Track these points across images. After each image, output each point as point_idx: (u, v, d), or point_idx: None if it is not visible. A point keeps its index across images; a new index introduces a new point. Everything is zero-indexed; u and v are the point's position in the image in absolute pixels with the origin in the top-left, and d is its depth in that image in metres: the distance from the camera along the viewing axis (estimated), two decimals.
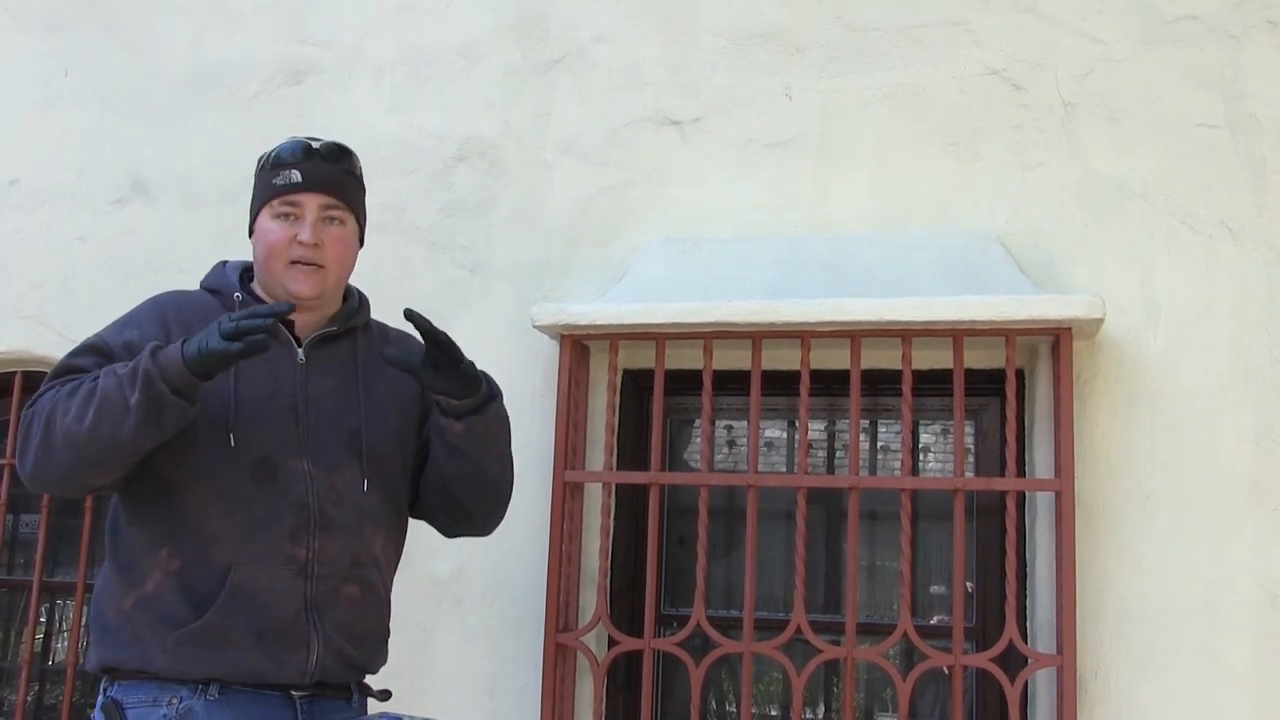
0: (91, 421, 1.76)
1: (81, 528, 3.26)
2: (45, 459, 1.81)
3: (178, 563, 1.87)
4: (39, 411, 1.83)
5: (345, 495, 1.96)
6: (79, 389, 1.81)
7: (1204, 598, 2.58)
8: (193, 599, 1.85)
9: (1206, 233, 2.72)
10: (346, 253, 2.03)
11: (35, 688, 3.41)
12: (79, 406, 1.78)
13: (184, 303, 2.03)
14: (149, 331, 1.93)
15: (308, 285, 1.97)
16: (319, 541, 1.91)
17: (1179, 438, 2.65)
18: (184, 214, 3.32)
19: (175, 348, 1.78)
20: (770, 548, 2.97)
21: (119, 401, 1.75)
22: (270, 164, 2.01)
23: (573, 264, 3.04)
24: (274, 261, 1.98)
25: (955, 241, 2.81)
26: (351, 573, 1.96)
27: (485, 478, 2.07)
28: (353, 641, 1.96)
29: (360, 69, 3.28)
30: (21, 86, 3.53)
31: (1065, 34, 2.87)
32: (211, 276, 2.10)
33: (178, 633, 1.83)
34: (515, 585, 2.89)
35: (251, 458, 1.90)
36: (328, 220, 1.99)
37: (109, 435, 1.76)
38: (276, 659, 1.87)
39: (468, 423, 1.99)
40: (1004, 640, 2.56)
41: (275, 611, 1.87)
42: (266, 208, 2.00)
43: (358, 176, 2.08)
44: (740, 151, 3.00)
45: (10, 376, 3.43)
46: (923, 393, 2.80)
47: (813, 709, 2.95)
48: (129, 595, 1.88)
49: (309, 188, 1.98)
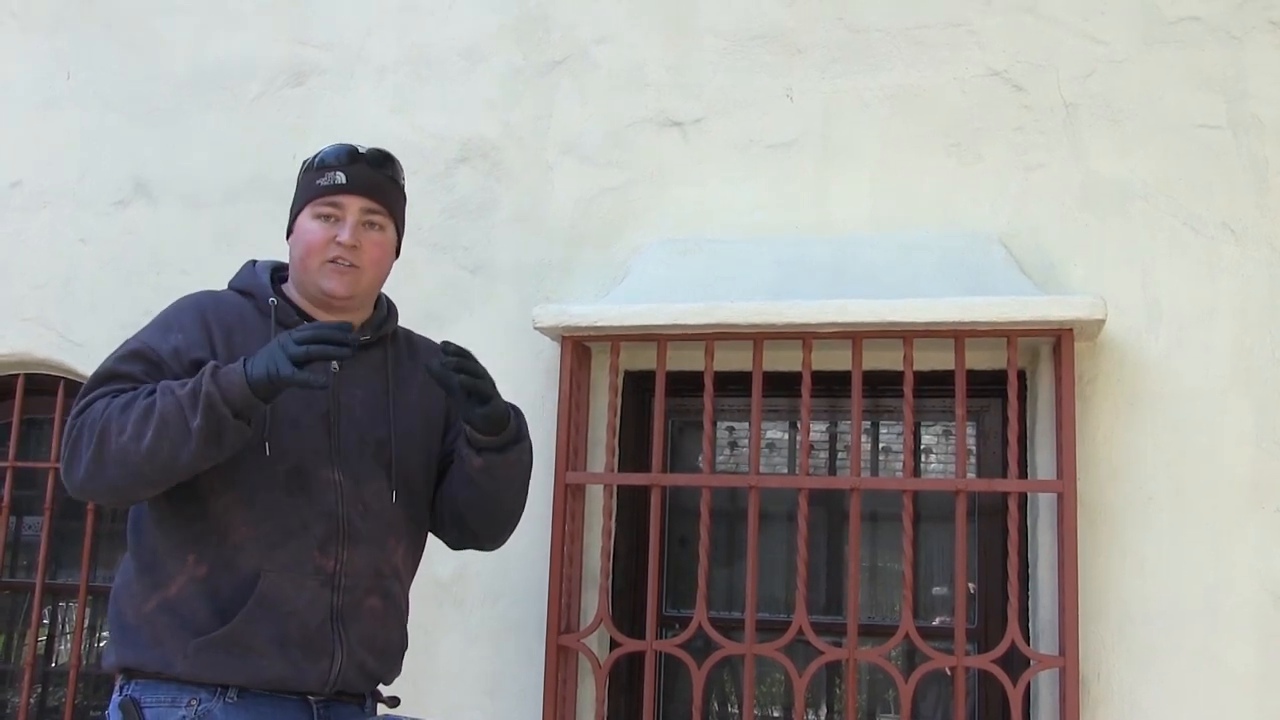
0: (151, 443, 1.75)
1: (84, 530, 3.26)
2: (96, 473, 1.79)
3: (204, 568, 1.86)
4: (89, 422, 1.80)
5: (371, 506, 1.96)
6: (133, 404, 1.78)
7: (1206, 599, 2.58)
8: (218, 605, 1.84)
9: (1208, 234, 2.72)
10: (384, 257, 2.03)
11: (38, 690, 3.40)
12: (136, 424, 1.76)
13: (219, 304, 2.00)
14: (194, 336, 1.92)
15: (341, 284, 1.97)
16: (347, 552, 1.91)
17: (1181, 439, 2.64)
18: (186, 215, 3.32)
19: (237, 369, 1.76)
20: (772, 549, 2.97)
21: (179, 424, 1.74)
22: (315, 166, 2.01)
23: (574, 265, 3.04)
24: (311, 259, 1.97)
25: (957, 242, 2.80)
26: (375, 584, 1.96)
27: (498, 510, 2.08)
28: (374, 653, 1.96)
29: (362, 70, 3.28)
30: (24, 88, 3.53)
31: (1067, 35, 2.87)
32: (242, 277, 2.08)
33: (200, 639, 1.83)
34: (517, 587, 2.89)
35: (285, 466, 1.90)
36: (368, 224, 1.99)
37: (168, 457, 1.76)
38: (298, 668, 1.86)
39: (487, 459, 1.99)
40: (1006, 641, 2.56)
41: (301, 620, 1.86)
42: (308, 207, 1.99)
43: (400, 185, 2.08)
44: (742, 152, 3.00)
45: (12, 379, 3.43)
46: (924, 394, 2.80)
47: (815, 710, 2.95)
48: (151, 597, 1.87)
49: (352, 190, 1.98)
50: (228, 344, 1.93)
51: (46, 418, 3.41)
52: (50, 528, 3.32)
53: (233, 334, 1.94)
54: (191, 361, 1.89)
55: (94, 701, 3.38)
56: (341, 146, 2.02)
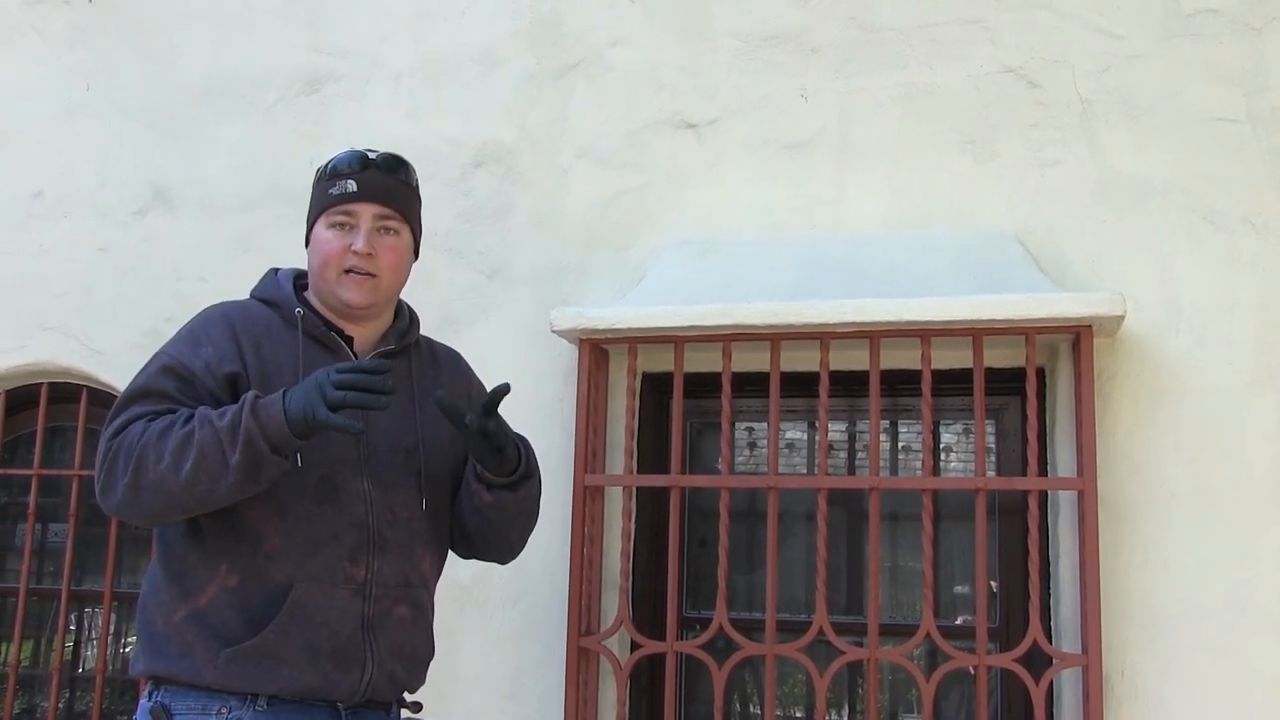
0: (189, 476, 1.75)
1: (108, 536, 3.29)
2: (132, 499, 1.80)
3: (236, 578, 1.86)
4: (126, 446, 1.80)
5: (400, 515, 1.96)
6: (170, 432, 1.78)
7: (1230, 595, 2.56)
8: (249, 615, 1.84)
9: (1228, 229, 2.70)
10: (400, 263, 2.03)
11: (66, 695, 3.43)
12: (174, 455, 1.76)
13: (246, 315, 2.00)
14: (224, 349, 1.91)
15: (360, 294, 1.97)
16: (377, 562, 1.92)
17: (1202, 436, 2.63)
18: (204, 222, 3.34)
19: (276, 403, 1.77)
20: (791, 549, 2.97)
21: (217, 458, 1.75)
22: (327, 174, 2.01)
23: (591, 268, 3.04)
24: (328, 270, 1.98)
25: (974, 241, 2.79)
26: (404, 594, 1.96)
27: (504, 540, 2.11)
28: (403, 662, 1.97)
29: (377, 76, 3.30)
30: (44, 99, 3.56)
31: (1082, 30, 2.85)
32: (265, 286, 2.07)
33: (230, 649, 1.82)
34: (537, 589, 2.89)
35: (314, 477, 1.90)
36: (382, 230, 1.99)
37: (205, 489, 1.77)
38: (329, 678, 1.86)
39: (497, 495, 2.01)
40: (1028, 640, 2.55)
41: (332, 630, 1.86)
42: (323, 217, 1.99)
43: (414, 188, 2.08)
44: (757, 153, 3.00)
45: (36, 388, 3.46)
46: (943, 392, 2.79)
47: (836, 711, 2.95)
48: (181, 607, 1.87)
49: (364, 197, 1.98)
50: (258, 355, 1.93)
51: (70, 425, 3.44)
52: (75, 534, 3.34)
53: (261, 345, 1.94)
54: (225, 375, 1.89)
55: (120, 706, 3.41)
56: (353, 153, 2.01)
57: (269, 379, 1.91)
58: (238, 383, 1.90)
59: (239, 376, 1.90)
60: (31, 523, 3.40)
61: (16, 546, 3.54)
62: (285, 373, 1.93)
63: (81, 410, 3.38)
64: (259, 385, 1.88)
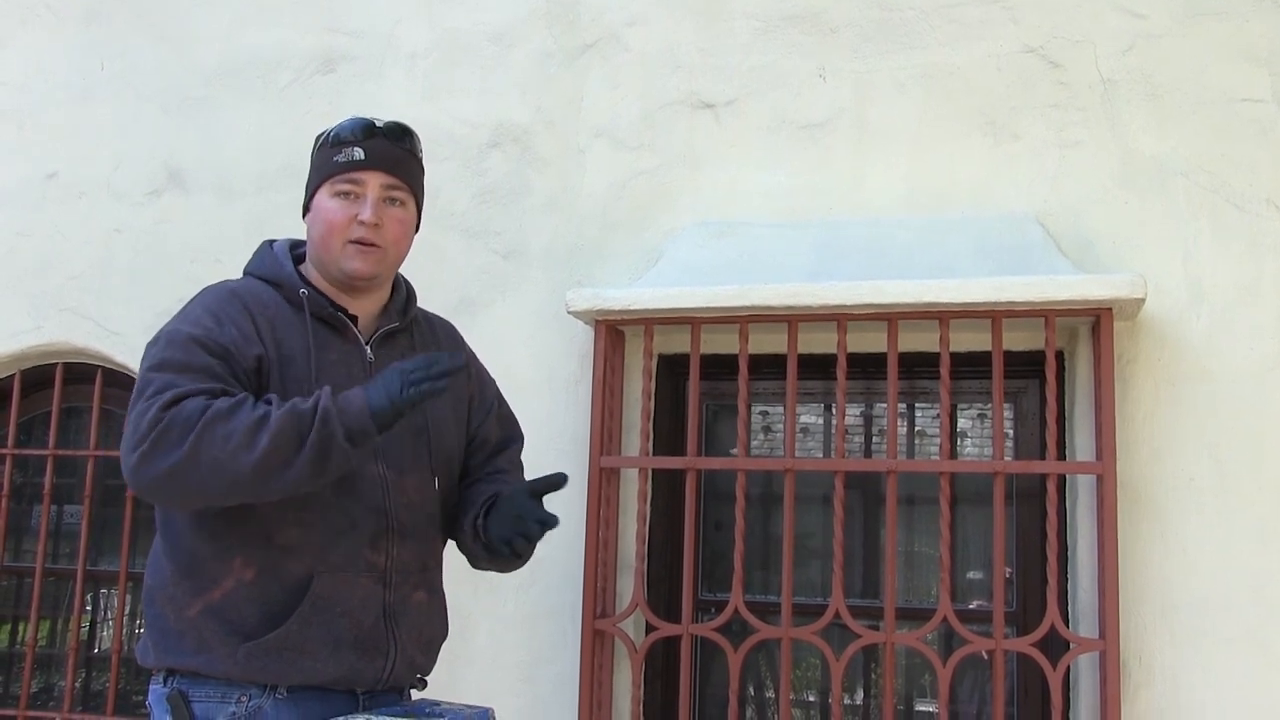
0: (261, 457, 1.67)
1: (123, 517, 3.30)
2: (182, 473, 1.68)
3: (252, 571, 1.80)
4: (184, 417, 1.69)
5: (414, 499, 1.93)
6: (238, 411, 1.69)
7: (1250, 581, 2.54)
8: (268, 609, 1.79)
9: (1252, 211, 2.67)
10: (405, 234, 1.98)
11: (82, 675, 3.45)
12: (247, 434, 1.67)
13: (254, 295, 1.92)
14: (246, 329, 1.85)
15: (365, 264, 1.92)
16: (396, 547, 1.89)
17: (1223, 420, 2.60)
18: (219, 204, 3.34)
19: (359, 397, 1.73)
20: (808, 532, 2.96)
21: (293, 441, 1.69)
22: (330, 141, 1.95)
23: (607, 249, 3.03)
24: (332, 240, 1.92)
25: (993, 222, 2.77)
26: (421, 578, 1.95)
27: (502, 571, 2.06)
28: (421, 647, 1.95)
29: (393, 56, 3.28)
30: (58, 80, 3.56)
31: (1105, 9, 2.82)
32: (264, 263, 1.99)
33: (250, 643, 1.78)
34: (552, 572, 2.89)
35: None
36: (389, 200, 1.94)
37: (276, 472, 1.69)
38: (353, 668, 1.83)
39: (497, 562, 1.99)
40: (1045, 624, 2.53)
41: (354, 620, 1.83)
42: (326, 185, 1.94)
43: (419, 158, 2.02)
44: (774, 134, 2.98)
45: (51, 368, 3.47)
46: (961, 375, 2.77)
47: (851, 694, 2.94)
48: (194, 602, 1.81)
49: (371, 165, 1.93)
50: (274, 338, 1.87)
51: (85, 406, 3.44)
52: (90, 515, 3.35)
53: (275, 328, 1.88)
54: (254, 357, 1.83)
55: (136, 686, 3.42)
56: (358, 120, 1.96)
57: (285, 364, 1.86)
58: (262, 366, 1.84)
59: (263, 359, 1.84)
60: (47, 503, 3.41)
61: (33, 527, 3.55)
62: (298, 358, 1.87)
63: (97, 391, 3.38)
64: (277, 370, 1.84)
